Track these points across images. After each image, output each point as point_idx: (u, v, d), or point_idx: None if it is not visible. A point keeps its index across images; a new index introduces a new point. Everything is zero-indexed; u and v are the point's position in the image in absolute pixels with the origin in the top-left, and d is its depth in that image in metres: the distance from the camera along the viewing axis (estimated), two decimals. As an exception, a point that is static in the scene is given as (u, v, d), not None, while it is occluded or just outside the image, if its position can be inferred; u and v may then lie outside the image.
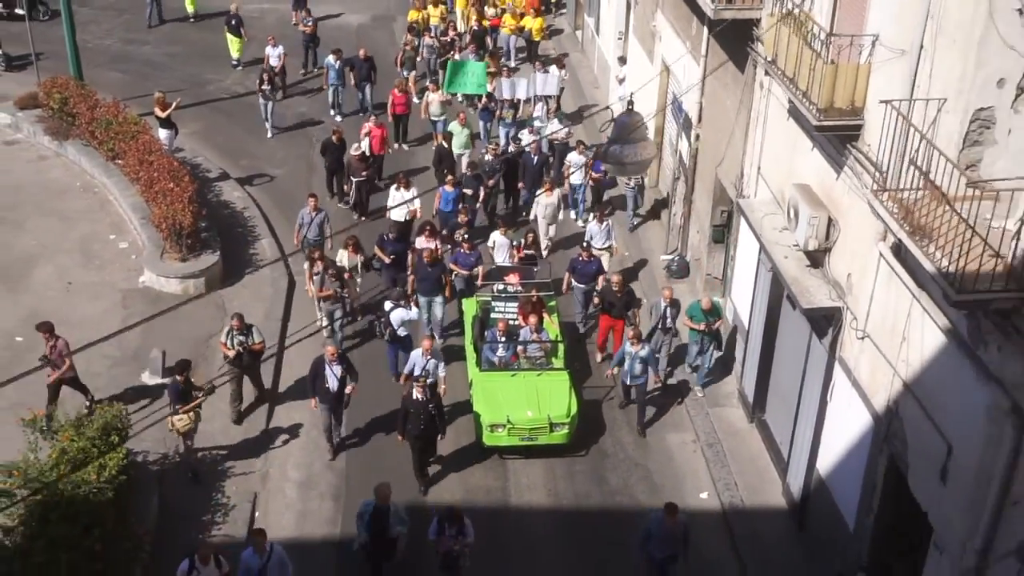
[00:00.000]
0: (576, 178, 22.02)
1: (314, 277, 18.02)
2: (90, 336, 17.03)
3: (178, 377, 14.88)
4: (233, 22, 28.97)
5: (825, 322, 13.48)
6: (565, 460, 16.11)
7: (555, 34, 32.66)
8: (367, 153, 22.12)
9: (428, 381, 15.36)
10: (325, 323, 18.03)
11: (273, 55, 26.41)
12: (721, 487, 15.45)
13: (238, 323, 16.10)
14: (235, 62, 29.20)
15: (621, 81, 25.76)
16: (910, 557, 12.02)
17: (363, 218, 21.55)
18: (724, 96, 17.64)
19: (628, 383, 16.67)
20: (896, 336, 11.68)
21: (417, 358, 15.97)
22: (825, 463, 13.93)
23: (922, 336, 11.12)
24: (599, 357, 18.30)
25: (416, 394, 14.85)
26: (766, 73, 14.59)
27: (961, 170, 9.75)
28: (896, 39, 11.50)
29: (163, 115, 22.32)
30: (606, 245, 19.59)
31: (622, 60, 25.61)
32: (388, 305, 17.26)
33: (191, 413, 14.82)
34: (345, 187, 22.31)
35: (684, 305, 17.41)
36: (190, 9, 32.48)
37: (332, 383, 15.39)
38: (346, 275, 18.16)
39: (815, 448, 14.12)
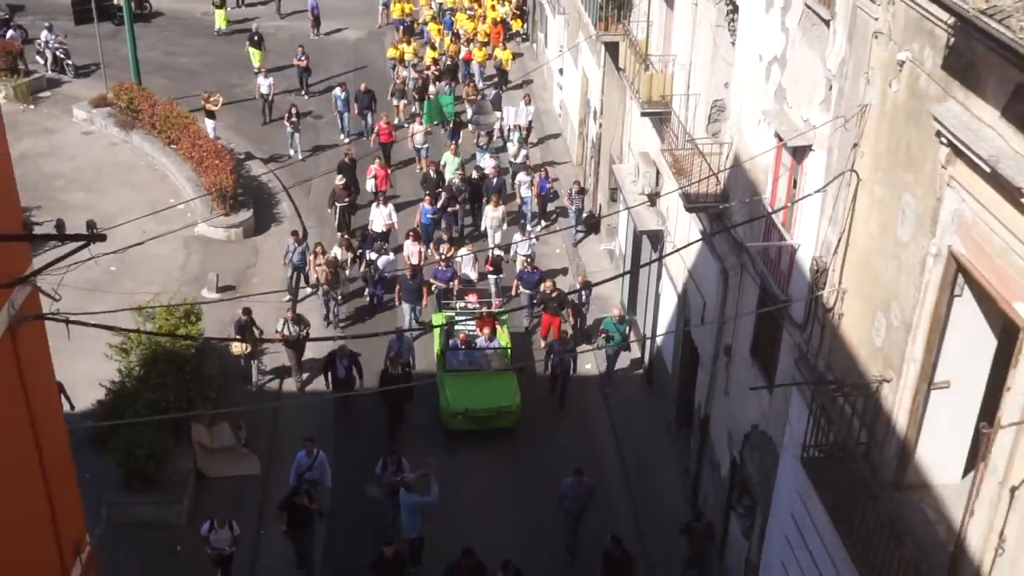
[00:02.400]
0: (524, 191, 26.94)
1: (316, 267, 23.11)
2: (165, 267, 24.44)
3: (243, 316, 21.00)
4: (256, 38, 36.06)
5: (656, 240, 20.63)
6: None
7: (517, 56, 38.48)
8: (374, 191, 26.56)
9: (402, 361, 20.23)
10: (322, 310, 23.38)
11: (264, 84, 32.52)
12: (600, 360, 22.58)
13: (292, 315, 21.00)
14: (256, 70, 36.24)
15: (561, 87, 32.95)
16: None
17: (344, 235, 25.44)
18: (613, 95, 24.79)
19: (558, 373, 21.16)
20: (685, 241, 18.82)
21: (394, 342, 20.74)
22: (659, 337, 21.08)
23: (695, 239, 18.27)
24: (542, 343, 22.71)
25: (391, 370, 19.98)
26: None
27: (691, 138, 16.92)
28: (682, 58, 18.68)
29: (215, 109, 29.55)
30: (527, 254, 23.87)
31: (561, 71, 32.77)
32: (373, 255, 24.09)
33: (244, 346, 21.29)
34: (329, 211, 26.58)
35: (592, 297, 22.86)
36: (220, 25, 39.61)
37: (341, 372, 20.19)
38: (339, 267, 23.22)
39: (655, 328, 21.28)
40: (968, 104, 9.26)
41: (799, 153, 13.25)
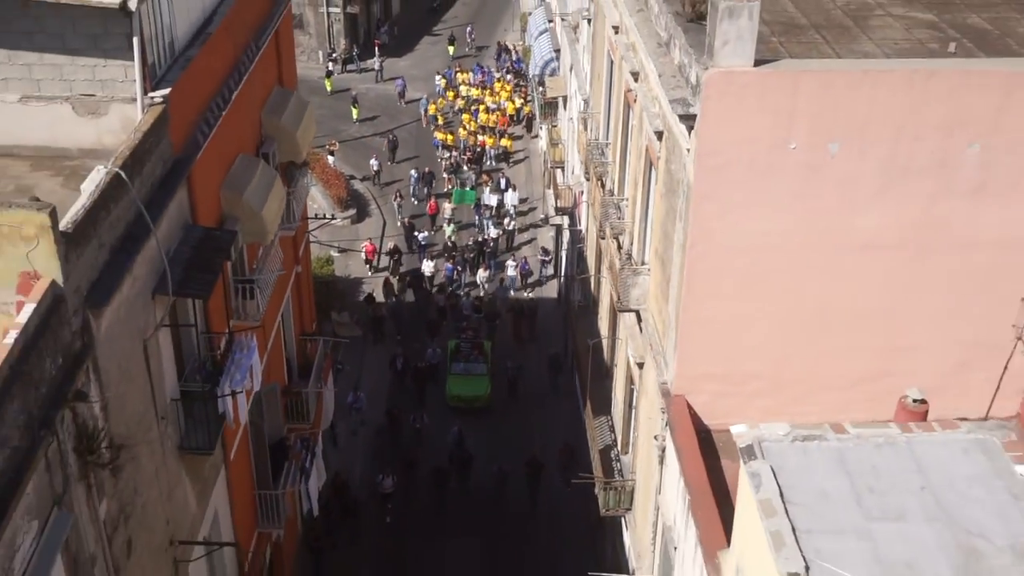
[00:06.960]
0: (510, 272, 42.74)
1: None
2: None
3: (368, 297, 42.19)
4: (354, 98, 57.28)
5: (560, 230, 41.25)
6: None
7: (518, 138, 54.58)
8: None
9: (431, 362, 37.25)
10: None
11: (375, 164, 50.71)
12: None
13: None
14: (355, 120, 57.22)
15: (541, 140, 53.65)
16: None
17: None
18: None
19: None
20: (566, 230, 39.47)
21: (431, 354, 37.45)
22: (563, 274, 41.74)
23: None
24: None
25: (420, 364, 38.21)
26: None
27: (566, 183, 37.70)
28: (567, 140, 39.28)
29: (334, 149, 50.83)
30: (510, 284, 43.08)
31: (538, 135, 53.36)
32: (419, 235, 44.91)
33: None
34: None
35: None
36: (328, 88, 60.72)
37: (398, 365, 37.22)
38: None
39: (564, 268, 41.85)
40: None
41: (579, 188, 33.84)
